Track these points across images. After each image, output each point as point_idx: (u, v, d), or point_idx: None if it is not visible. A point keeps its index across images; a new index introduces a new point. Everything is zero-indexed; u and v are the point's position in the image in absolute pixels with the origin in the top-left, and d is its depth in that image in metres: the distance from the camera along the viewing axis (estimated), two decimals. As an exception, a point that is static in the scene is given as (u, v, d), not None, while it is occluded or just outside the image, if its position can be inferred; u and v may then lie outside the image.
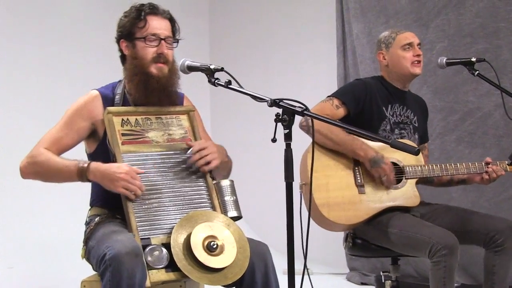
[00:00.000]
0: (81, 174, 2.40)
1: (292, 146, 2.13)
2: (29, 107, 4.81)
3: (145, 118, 2.54)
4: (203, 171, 2.51)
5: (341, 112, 3.10)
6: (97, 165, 2.40)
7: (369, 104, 3.14)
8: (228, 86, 2.26)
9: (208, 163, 2.49)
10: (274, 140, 2.11)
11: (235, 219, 2.50)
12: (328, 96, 3.16)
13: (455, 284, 2.84)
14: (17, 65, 4.78)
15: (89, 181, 2.43)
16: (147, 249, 2.29)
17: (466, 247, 2.98)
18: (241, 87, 2.26)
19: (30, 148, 2.54)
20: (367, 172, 3.04)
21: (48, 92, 4.91)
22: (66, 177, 2.45)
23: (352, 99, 3.11)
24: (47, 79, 4.95)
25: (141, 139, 2.50)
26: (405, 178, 3.07)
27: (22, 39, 4.82)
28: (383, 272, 3.24)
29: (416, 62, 3.16)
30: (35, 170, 2.48)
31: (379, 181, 3.01)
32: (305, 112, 2.11)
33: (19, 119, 4.74)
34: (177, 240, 2.32)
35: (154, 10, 2.58)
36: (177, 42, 2.63)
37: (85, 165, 2.40)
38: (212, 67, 2.33)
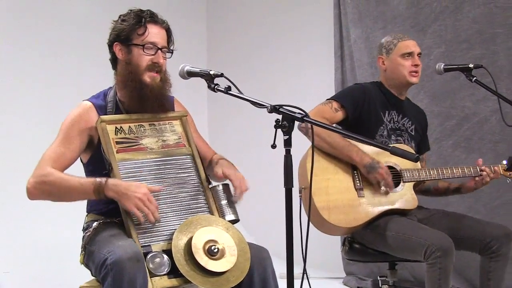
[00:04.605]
0: (99, 191, 2.36)
1: (291, 152, 2.14)
2: (31, 111, 4.80)
3: (138, 125, 2.54)
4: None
5: (339, 115, 3.12)
6: (115, 181, 2.37)
7: (367, 109, 3.16)
8: (228, 92, 2.27)
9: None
10: (274, 146, 2.11)
11: (233, 222, 2.51)
12: (327, 99, 3.18)
13: (451, 288, 2.86)
14: (14, 69, 4.77)
15: (105, 197, 2.37)
16: (148, 256, 2.30)
17: (461, 251, 2.99)
18: (240, 92, 2.26)
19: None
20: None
21: (47, 96, 4.90)
22: (81, 194, 2.42)
23: (350, 103, 3.13)
24: (45, 84, 4.94)
25: (136, 147, 2.51)
26: (403, 182, 3.09)
27: (20, 42, 4.82)
28: (380, 276, 3.26)
29: (413, 72, 3.19)
30: (46, 190, 2.42)
31: (378, 186, 3.03)
32: (304, 118, 2.12)
33: (22, 124, 4.73)
34: (178, 246, 2.33)
35: (154, 18, 2.57)
36: (172, 52, 2.62)
37: (103, 181, 2.36)
38: (212, 72, 2.33)
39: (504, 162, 3.20)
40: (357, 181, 3.06)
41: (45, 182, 2.41)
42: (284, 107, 2.14)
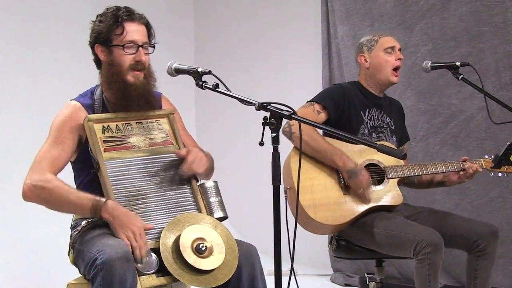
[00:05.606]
0: (96, 210, 2.34)
1: (279, 149, 2.13)
2: (18, 109, 4.76)
3: (125, 123, 2.54)
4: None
5: (322, 117, 3.13)
6: (115, 204, 2.35)
7: (347, 108, 3.17)
8: (216, 89, 2.26)
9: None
10: (262, 143, 2.11)
11: (221, 219, 2.52)
12: (308, 101, 3.19)
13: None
14: (4, 67, 4.73)
15: (99, 217, 2.36)
16: None
17: (448, 249, 3.01)
18: (228, 90, 2.26)
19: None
20: None
21: (35, 94, 4.86)
22: (77, 209, 2.40)
23: (332, 103, 3.14)
24: (33, 81, 4.91)
25: (123, 145, 2.50)
26: (387, 178, 3.10)
27: (6, 39, 4.78)
28: (367, 273, 3.27)
29: (396, 69, 3.21)
30: (43, 196, 2.39)
31: (357, 192, 3.04)
32: (292, 116, 2.12)
33: (14, 120, 4.69)
34: (166, 244, 2.32)
35: (131, 15, 2.54)
36: (154, 47, 2.61)
37: (102, 201, 2.34)
38: (199, 70, 2.32)
39: (486, 156, 3.22)
40: (342, 179, 3.06)
41: (43, 188, 2.38)
42: (272, 104, 2.14)
